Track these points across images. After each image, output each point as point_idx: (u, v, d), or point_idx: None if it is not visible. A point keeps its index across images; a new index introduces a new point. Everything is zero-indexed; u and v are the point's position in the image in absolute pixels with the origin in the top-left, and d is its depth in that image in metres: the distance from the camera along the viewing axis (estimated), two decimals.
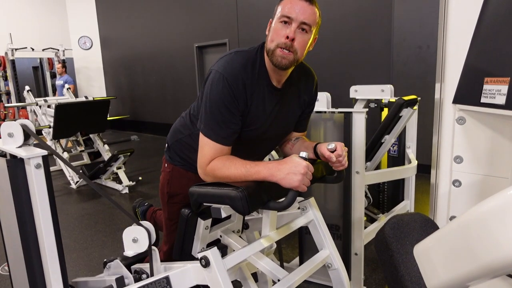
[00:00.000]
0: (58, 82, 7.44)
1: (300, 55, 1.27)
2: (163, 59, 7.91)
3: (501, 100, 0.83)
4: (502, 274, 0.56)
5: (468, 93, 0.97)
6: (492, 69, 0.88)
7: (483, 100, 0.88)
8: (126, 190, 4.22)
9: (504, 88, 0.83)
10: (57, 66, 7.61)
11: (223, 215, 1.22)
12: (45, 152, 1.11)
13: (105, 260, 1.42)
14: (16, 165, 1.11)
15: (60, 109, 4.19)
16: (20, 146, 1.14)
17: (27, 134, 1.15)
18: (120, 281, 1.34)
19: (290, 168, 1.13)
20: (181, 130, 1.53)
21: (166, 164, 1.60)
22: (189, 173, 1.50)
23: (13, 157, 1.13)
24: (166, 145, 1.61)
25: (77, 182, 4.46)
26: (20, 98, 7.46)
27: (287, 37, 1.21)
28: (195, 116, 1.41)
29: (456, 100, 1.02)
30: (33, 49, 7.72)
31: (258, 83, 1.29)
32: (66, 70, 7.70)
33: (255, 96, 1.29)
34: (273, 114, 1.36)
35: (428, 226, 0.80)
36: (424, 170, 2.89)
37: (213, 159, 1.25)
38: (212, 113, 1.24)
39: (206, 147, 1.26)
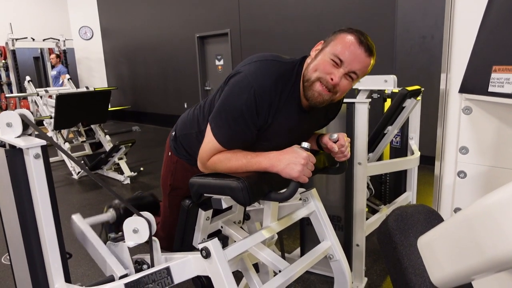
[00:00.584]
0: (52, 72, 7.45)
1: (338, 97, 1.22)
2: (165, 49, 7.86)
3: (509, 89, 0.81)
4: (508, 268, 0.55)
5: (475, 82, 0.94)
6: (500, 57, 0.85)
7: (490, 89, 0.86)
8: (127, 181, 4.23)
9: None
10: (51, 57, 7.60)
11: (224, 206, 1.21)
12: (44, 142, 1.09)
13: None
14: (14, 155, 1.09)
15: (61, 99, 4.18)
16: (18, 136, 1.13)
17: (25, 124, 1.14)
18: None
19: (290, 159, 1.11)
20: (192, 124, 1.44)
21: (170, 153, 1.53)
22: (194, 168, 1.43)
23: (12, 147, 1.12)
24: (174, 133, 1.52)
25: (78, 172, 4.47)
26: (21, 89, 7.46)
27: (332, 79, 1.15)
28: (209, 113, 1.31)
29: (463, 90, 1.00)
30: (33, 39, 7.68)
31: (286, 101, 1.21)
32: (61, 61, 7.69)
33: (279, 115, 1.21)
34: (295, 132, 1.31)
35: (433, 218, 0.79)
36: (427, 161, 2.88)
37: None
38: (227, 118, 1.18)
39: (211, 144, 1.22)
